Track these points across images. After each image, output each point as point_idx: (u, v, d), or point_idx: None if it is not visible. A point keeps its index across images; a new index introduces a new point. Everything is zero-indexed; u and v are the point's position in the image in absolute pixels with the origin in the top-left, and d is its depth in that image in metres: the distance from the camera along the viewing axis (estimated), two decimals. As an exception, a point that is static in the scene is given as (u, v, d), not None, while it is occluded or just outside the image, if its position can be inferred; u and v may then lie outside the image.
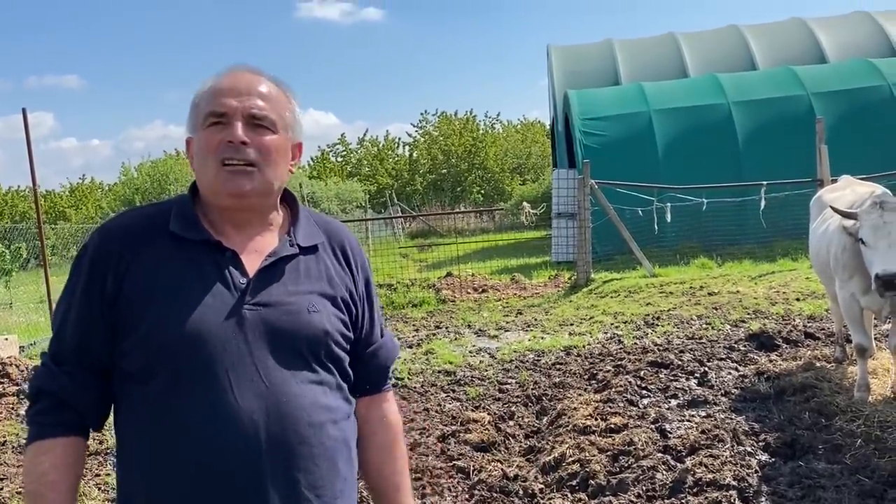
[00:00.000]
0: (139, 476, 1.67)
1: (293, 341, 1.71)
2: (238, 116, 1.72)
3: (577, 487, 4.45)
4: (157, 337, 1.64)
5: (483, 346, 9.29)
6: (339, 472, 1.75)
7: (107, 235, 1.74)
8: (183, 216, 1.76)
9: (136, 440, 1.68)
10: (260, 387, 1.65)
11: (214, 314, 1.66)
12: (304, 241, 1.82)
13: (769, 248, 14.81)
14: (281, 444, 1.65)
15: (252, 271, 1.73)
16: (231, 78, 1.78)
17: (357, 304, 1.88)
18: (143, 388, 1.66)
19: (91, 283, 1.70)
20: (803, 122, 16.01)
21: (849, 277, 5.36)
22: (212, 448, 1.61)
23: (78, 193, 50.46)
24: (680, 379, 6.48)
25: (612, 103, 18.61)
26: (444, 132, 47.12)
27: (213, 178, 1.73)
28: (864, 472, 4.05)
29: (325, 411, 1.73)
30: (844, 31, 23.73)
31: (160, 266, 1.69)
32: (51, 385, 1.69)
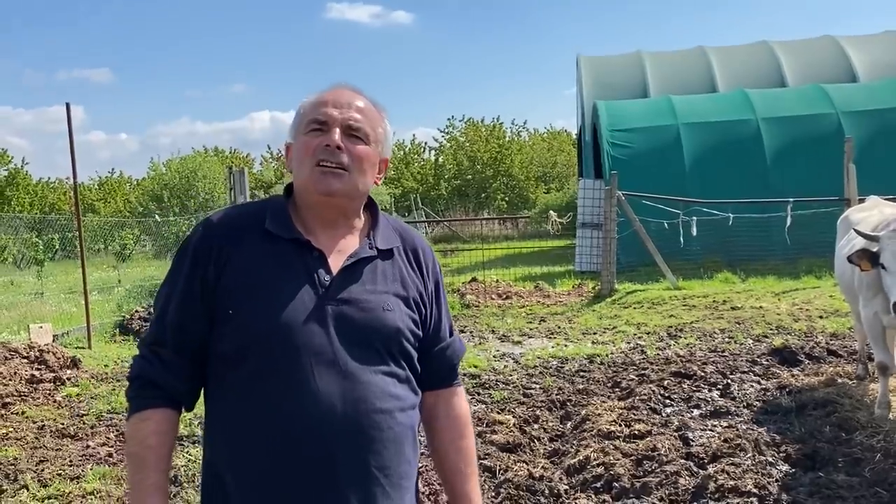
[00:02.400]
0: (226, 449, 1.85)
1: (368, 336, 1.88)
2: (337, 125, 1.91)
3: (601, 489, 4.59)
4: (250, 325, 1.81)
5: (507, 351, 9.44)
6: (404, 455, 1.91)
7: (210, 229, 1.92)
8: (277, 216, 1.93)
9: (225, 416, 1.85)
10: (338, 375, 1.82)
11: (302, 308, 1.83)
12: (382, 245, 1.99)
13: (794, 265, 14.85)
14: (354, 426, 1.81)
15: (335, 270, 1.90)
16: (334, 92, 1.97)
17: (427, 305, 2.04)
18: (234, 370, 1.83)
19: (194, 271, 1.87)
20: (832, 140, 16.04)
21: (873, 296, 5.47)
22: (293, 426, 1.78)
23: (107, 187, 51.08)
24: (703, 390, 6.60)
25: (641, 115, 18.71)
26: (471, 138, 47.31)
27: (308, 177, 1.90)
28: (883, 486, 4.16)
29: (394, 400, 1.89)
30: (876, 49, 23.68)
31: (256, 260, 1.87)
32: (147, 372, 1.87)
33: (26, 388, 7.87)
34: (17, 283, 20.38)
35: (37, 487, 5.30)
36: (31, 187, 47.11)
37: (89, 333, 10.55)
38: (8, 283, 20.40)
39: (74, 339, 10.86)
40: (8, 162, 46.39)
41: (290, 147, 2.00)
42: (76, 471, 5.62)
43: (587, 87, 24.38)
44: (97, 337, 10.92)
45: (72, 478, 5.48)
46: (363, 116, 1.95)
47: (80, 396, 7.85)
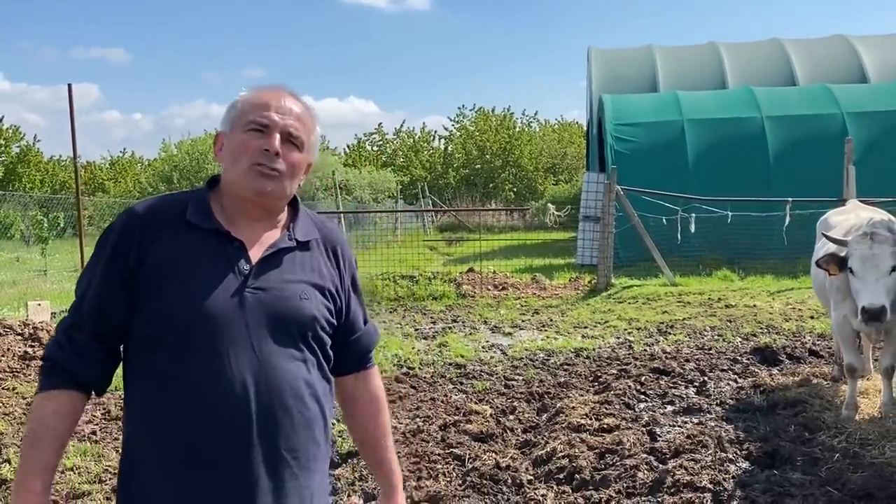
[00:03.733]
0: (144, 430, 1.94)
1: (286, 323, 1.98)
2: (277, 130, 2.01)
3: (563, 480, 4.69)
4: (170, 311, 1.90)
5: (496, 342, 9.53)
6: (314, 439, 2.02)
7: (133, 217, 2.00)
8: (198, 207, 2.02)
9: (144, 399, 1.94)
10: (253, 360, 1.92)
11: (221, 295, 1.93)
12: (301, 237, 2.09)
13: (792, 264, 14.84)
14: (267, 410, 1.92)
15: (255, 259, 1.99)
16: (275, 95, 2.06)
17: (342, 296, 2.15)
18: (153, 354, 1.92)
19: (115, 257, 1.95)
20: (835, 140, 15.97)
21: (842, 300, 5.54)
22: (209, 409, 1.88)
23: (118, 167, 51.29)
24: (679, 386, 6.68)
25: (646, 110, 18.72)
26: (481, 128, 47.32)
27: (243, 175, 1.99)
28: (835, 485, 4.24)
29: (307, 385, 2.00)
30: (888, 50, 23.62)
31: (176, 249, 1.95)
32: (58, 355, 1.95)
33: (18, 365, 8.02)
34: (22, 259, 20.59)
35: (18, 462, 5.43)
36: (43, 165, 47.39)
37: (86, 312, 10.67)
38: (13, 259, 20.60)
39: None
40: (20, 139, 46.65)
41: (220, 135, 2.08)
42: (58, 446, 5.73)
43: (597, 79, 24.38)
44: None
45: (53, 453, 5.60)
46: (301, 125, 2.05)
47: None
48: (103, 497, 4.79)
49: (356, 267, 2.25)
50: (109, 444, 5.86)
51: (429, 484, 4.81)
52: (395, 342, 9.45)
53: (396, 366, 8.18)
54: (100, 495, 4.81)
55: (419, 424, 6.02)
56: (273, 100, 2.03)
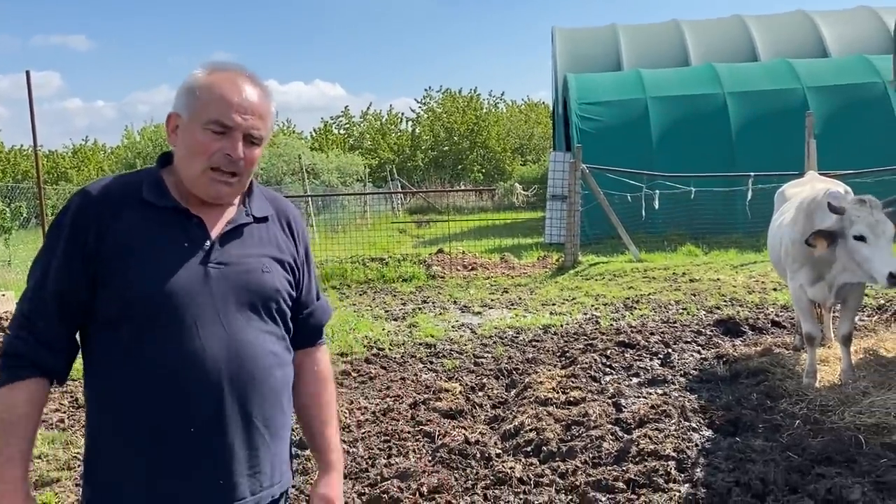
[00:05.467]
0: (111, 413, 1.94)
1: (250, 296, 2.00)
2: (240, 132, 1.98)
3: (530, 453, 4.77)
4: (133, 289, 1.90)
5: (466, 321, 9.58)
6: (282, 408, 2.08)
7: (88, 197, 1.98)
8: (154, 186, 2.01)
9: (109, 381, 1.94)
10: (222, 333, 1.94)
11: (184, 270, 1.94)
12: (257, 213, 2.11)
13: (756, 238, 15.02)
14: (238, 382, 1.95)
15: (214, 235, 2.01)
16: (241, 91, 1.99)
17: (299, 268, 2.18)
18: (118, 333, 1.92)
19: (74, 238, 1.93)
20: (797, 115, 16.19)
21: (798, 268, 5.64)
22: (180, 384, 1.90)
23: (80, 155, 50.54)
24: (644, 359, 6.79)
25: (610, 89, 18.82)
26: (448, 109, 47.23)
27: (198, 177, 1.98)
28: (796, 450, 4.34)
29: (273, 357, 2.04)
30: (847, 25, 23.88)
31: (135, 228, 1.95)
32: (18, 348, 1.93)
33: (-16, 355, 7.95)
34: (-16, 251, 20.28)
35: (-15, 451, 5.41)
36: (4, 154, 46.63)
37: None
38: (-24, 251, 20.29)
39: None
40: (-21, 130, 45.82)
41: (175, 117, 2.02)
42: (26, 435, 5.72)
43: (561, 59, 24.43)
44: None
45: (21, 442, 5.58)
46: (263, 122, 2.02)
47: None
48: (73, 484, 4.80)
49: (308, 239, 2.28)
50: (77, 431, 5.84)
51: (399, 461, 4.87)
52: (365, 324, 9.47)
53: (366, 347, 8.22)
54: (69, 482, 4.82)
55: (389, 403, 6.07)
56: (234, 95, 1.97)
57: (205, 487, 1.94)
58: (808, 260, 5.48)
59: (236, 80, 2.00)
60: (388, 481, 4.46)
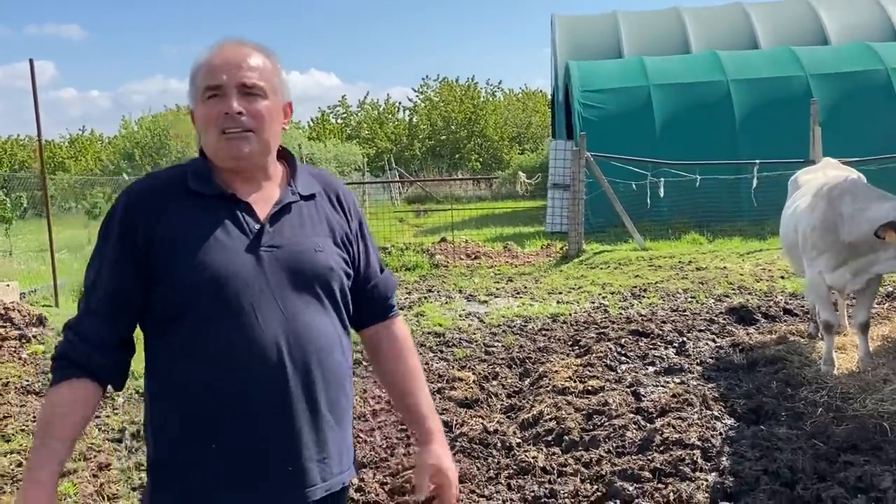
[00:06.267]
0: (175, 408, 1.90)
1: (305, 277, 1.96)
2: (232, 88, 1.94)
3: (552, 442, 4.73)
4: (187, 280, 1.86)
5: (473, 310, 9.53)
6: (345, 392, 2.04)
7: (133, 197, 1.96)
8: (199, 175, 1.98)
9: (171, 375, 1.90)
10: (280, 316, 1.90)
11: (236, 256, 1.90)
12: (303, 191, 2.06)
13: (760, 226, 15.00)
14: (302, 365, 1.91)
15: (263, 218, 1.96)
16: (222, 53, 1.98)
17: (353, 243, 2.12)
18: (176, 325, 1.88)
19: (123, 240, 1.91)
20: (800, 102, 16.12)
21: (817, 255, 5.59)
22: (244, 371, 1.86)
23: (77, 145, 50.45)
24: (659, 348, 6.75)
25: (613, 76, 18.73)
26: (445, 98, 47.10)
27: (216, 145, 1.95)
28: (821, 438, 4.31)
29: (334, 339, 1.99)
30: (848, 13, 23.77)
31: (184, 219, 1.91)
32: (69, 352, 1.89)
33: (-10, 346, 7.88)
34: (-15, 240, 20.20)
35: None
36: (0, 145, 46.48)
37: (56, 291, 10.54)
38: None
39: (41, 297, 10.84)
40: (-25, 119, 45.63)
41: (192, 112, 2.03)
42: (39, 426, 5.67)
43: (561, 47, 24.31)
44: (64, 295, 10.90)
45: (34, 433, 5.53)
46: (256, 73, 1.97)
47: (45, 354, 7.87)
48: (90, 474, 4.75)
49: (362, 213, 2.22)
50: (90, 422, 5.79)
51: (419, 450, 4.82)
52: (372, 313, 9.41)
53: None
54: (86, 472, 4.76)
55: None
56: (216, 58, 1.96)
57: (275, 475, 1.90)
58: (832, 247, 5.43)
59: (220, 47, 2.00)
60: (410, 470, 4.42)
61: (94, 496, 4.46)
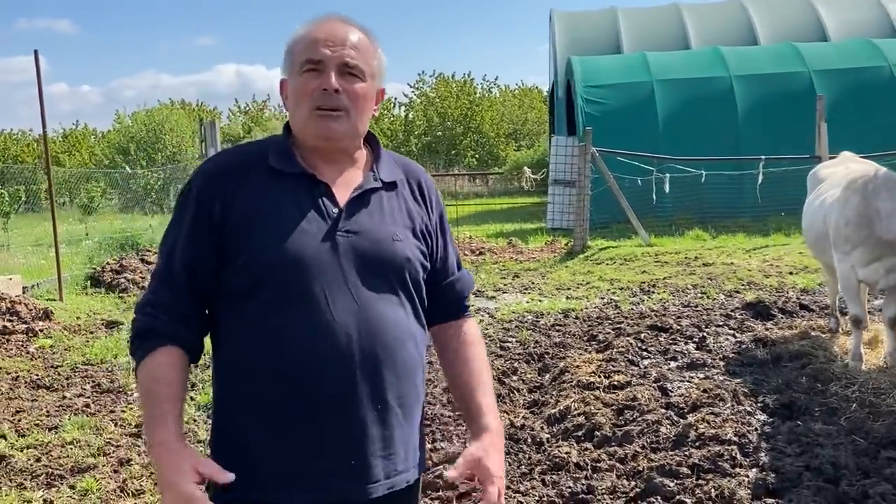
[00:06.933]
0: (240, 386, 1.83)
1: (380, 266, 1.87)
2: (333, 65, 1.86)
3: (582, 438, 4.64)
4: (261, 259, 1.79)
5: (482, 306, 9.45)
6: (415, 388, 1.93)
7: (211, 172, 1.90)
8: (280, 152, 1.91)
9: (239, 353, 1.83)
10: (352, 305, 1.81)
11: (312, 239, 1.82)
12: (386, 177, 1.97)
13: (763, 222, 14.99)
14: (371, 356, 1.81)
15: (342, 202, 1.88)
16: (326, 27, 1.91)
17: (432, 235, 2.03)
18: (247, 305, 1.81)
19: (199, 213, 1.84)
20: (803, 98, 16.17)
21: (850, 249, 5.51)
22: (311, 358, 1.78)
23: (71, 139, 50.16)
24: (679, 343, 6.66)
25: (615, 72, 18.66)
26: (441, 94, 46.90)
27: (307, 121, 1.87)
28: (859, 434, 4.24)
29: (407, 331, 1.90)
30: (846, 9, 23.75)
31: (261, 196, 1.84)
32: (152, 323, 1.83)
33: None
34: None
35: (14, 437, 5.27)
36: (-6, 139, 46.20)
37: (60, 285, 10.42)
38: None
39: (45, 291, 10.72)
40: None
41: (284, 83, 1.96)
42: (53, 421, 5.58)
43: (560, 42, 24.24)
44: (68, 289, 10.78)
45: (49, 428, 5.45)
46: (358, 52, 1.90)
47: (53, 348, 7.78)
48: (111, 470, 4.66)
49: (443, 206, 2.13)
50: (106, 416, 5.70)
51: (444, 445, 4.75)
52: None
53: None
54: (107, 468, 4.67)
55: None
56: (320, 32, 1.89)
57: (337, 468, 1.81)
58: (866, 241, 5.35)
59: (323, 21, 1.93)
60: (440, 466, 4.33)
61: (118, 492, 4.36)
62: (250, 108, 47.99)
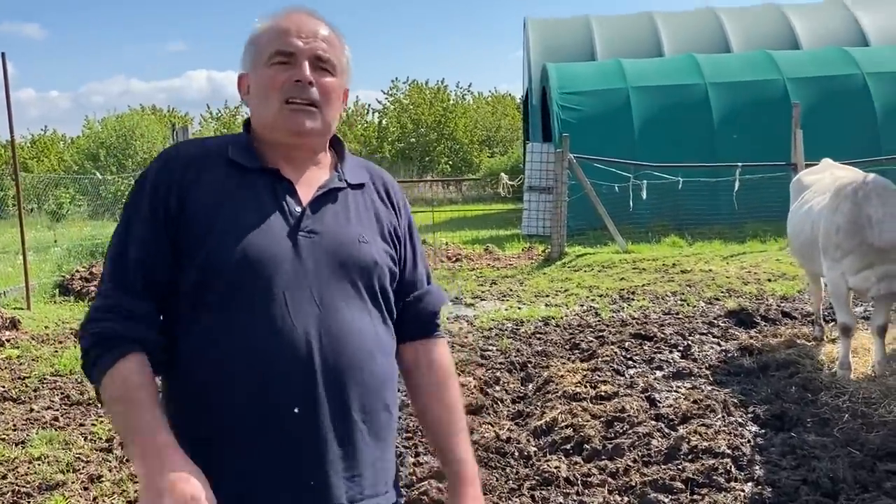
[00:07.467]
0: (196, 394, 1.67)
1: (346, 269, 1.73)
2: (305, 57, 1.76)
3: (571, 451, 4.51)
4: (217, 258, 1.65)
5: (460, 313, 9.33)
6: (384, 401, 1.76)
7: (168, 160, 1.76)
8: (241, 147, 1.78)
9: (194, 359, 1.67)
10: (314, 310, 1.67)
11: (272, 238, 1.68)
12: (351, 178, 1.85)
13: (739, 229, 15.00)
14: (334, 365, 1.66)
15: (306, 201, 1.75)
16: (295, 19, 1.80)
17: (401, 240, 1.91)
18: (200, 309, 1.66)
19: (154, 204, 1.70)
20: (778, 106, 16.24)
21: (841, 257, 5.43)
22: (267, 366, 1.62)
23: (40, 145, 49.48)
24: (664, 351, 6.57)
25: (591, 78, 18.63)
26: (415, 101, 46.80)
27: (276, 115, 1.75)
28: (854, 446, 4.16)
29: (375, 341, 1.75)
30: (818, 18, 23.93)
31: (220, 191, 1.71)
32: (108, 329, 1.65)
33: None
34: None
35: (-21, 453, 5.05)
36: (-41, 145, 45.37)
37: (28, 294, 10.16)
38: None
39: (12, 300, 10.46)
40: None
41: (243, 78, 1.84)
42: (20, 435, 5.38)
43: (535, 49, 24.22)
44: (36, 298, 10.53)
45: (16, 443, 5.24)
46: (329, 46, 1.80)
47: (20, 359, 7.55)
48: (80, 486, 4.46)
49: (410, 212, 2.00)
50: (75, 430, 5.50)
51: (428, 459, 4.60)
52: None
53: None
54: (76, 485, 4.47)
55: (402, 398, 5.78)
56: (291, 23, 1.78)
57: (294, 488, 1.65)
58: (858, 249, 5.27)
59: (290, 13, 1.82)
60: (425, 482, 4.18)
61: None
62: (222, 114, 47.59)
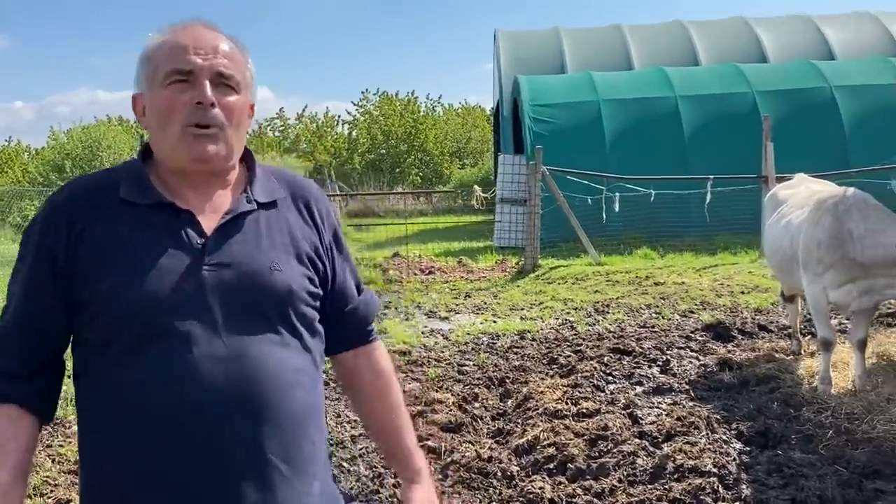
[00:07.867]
0: (101, 446, 1.60)
1: (255, 302, 1.64)
2: (205, 75, 1.65)
3: (554, 471, 4.43)
4: (113, 305, 1.56)
5: (435, 327, 9.23)
6: (307, 436, 1.69)
7: (58, 204, 1.66)
8: (133, 181, 1.68)
9: (97, 410, 1.60)
10: (220, 350, 1.58)
11: (172, 277, 1.59)
12: (262, 198, 1.75)
13: (711, 241, 15.06)
14: (244, 408, 1.58)
15: (209, 231, 1.66)
16: (192, 33, 1.69)
17: (324, 259, 1.82)
18: (102, 357, 1.58)
19: (41, 253, 1.62)
20: (747, 118, 16.37)
21: (823, 272, 5.41)
22: (171, 416, 1.54)
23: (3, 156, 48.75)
24: (643, 366, 6.52)
25: (562, 91, 18.66)
26: (385, 112, 46.70)
27: (176, 142, 1.65)
28: (841, 463, 4.12)
29: (292, 373, 1.66)
30: (785, 32, 24.21)
31: (112, 233, 1.62)
32: None
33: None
34: None
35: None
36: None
37: (-9, 310, 9.91)
38: None
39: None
40: None
41: (138, 98, 1.73)
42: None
43: (505, 61, 24.25)
44: (0, 313, 10.28)
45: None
46: (231, 61, 1.70)
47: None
48: (47, 513, 4.31)
49: (338, 222, 1.91)
50: (42, 451, 5.32)
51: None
52: (332, 331, 9.05)
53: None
54: (43, 512, 4.32)
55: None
56: (187, 39, 1.67)
57: None
58: (839, 263, 5.25)
59: (186, 27, 1.71)
60: (403, 503, 4.08)
61: (57, 539, 4.02)
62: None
